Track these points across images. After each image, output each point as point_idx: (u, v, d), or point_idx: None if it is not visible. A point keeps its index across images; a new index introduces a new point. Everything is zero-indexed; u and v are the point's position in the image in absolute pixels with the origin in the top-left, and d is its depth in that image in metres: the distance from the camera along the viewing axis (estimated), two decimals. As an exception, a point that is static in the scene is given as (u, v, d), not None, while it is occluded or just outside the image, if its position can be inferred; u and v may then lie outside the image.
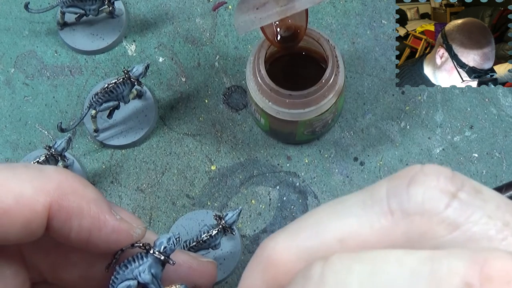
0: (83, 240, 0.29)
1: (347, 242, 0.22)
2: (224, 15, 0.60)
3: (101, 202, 0.29)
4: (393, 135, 0.57)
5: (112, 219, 0.29)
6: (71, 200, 0.28)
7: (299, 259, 0.22)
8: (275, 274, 0.23)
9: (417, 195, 0.21)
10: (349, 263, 0.20)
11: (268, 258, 0.23)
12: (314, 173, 0.56)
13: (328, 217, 0.22)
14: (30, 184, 0.28)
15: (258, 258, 0.23)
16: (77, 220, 0.28)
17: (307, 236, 0.22)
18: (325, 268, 0.20)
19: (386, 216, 0.21)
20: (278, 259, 0.22)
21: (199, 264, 0.34)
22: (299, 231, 0.23)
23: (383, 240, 0.21)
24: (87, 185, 0.29)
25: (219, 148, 0.57)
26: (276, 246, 0.23)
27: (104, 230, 0.29)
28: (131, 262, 0.30)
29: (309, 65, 0.54)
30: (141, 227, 0.30)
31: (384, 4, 0.60)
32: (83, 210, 0.28)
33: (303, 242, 0.22)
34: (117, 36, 0.59)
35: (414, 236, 0.21)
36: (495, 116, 0.57)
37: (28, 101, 0.58)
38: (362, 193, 0.22)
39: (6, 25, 0.60)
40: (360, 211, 0.22)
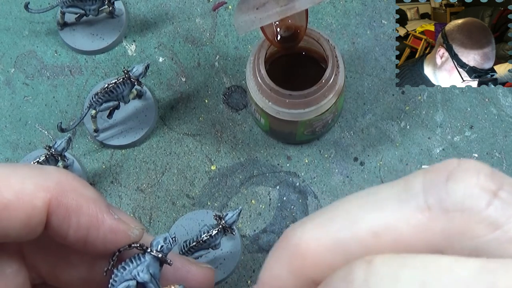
0: (81, 239, 0.29)
1: (382, 236, 0.21)
2: (224, 15, 0.60)
3: (100, 201, 0.29)
4: (393, 135, 0.57)
5: (110, 218, 0.29)
6: (70, 197, 0.28)
7: (329, 251, 0.21)
8: (302, 265, 0.22)
9: (457, 192, 0.20)
10: (395, 269, 0.19)
11: (295, 247, 0.22)
12: (314, 173, 0.56)
13: (360, 209, 0.21)
14: (30, 181, 0.28)
15: (284, 247, 0.22)
16: (76, 217, 0.28)
17: (338, 227, 0.21)
18: (368, 273, 0.19)
19: (423, 212, 0.20)
20: (306, 249, 0.21)
21: (197, 269, 0.33)
22: (329, 221, 0.22)
23: (420, 237, 0.20)
24: (86, 185, 0.29)
25: (219, 148, 0.57)
26: (304, 236, 0.22)
27: (102, 229, 0.29)
28: (129, 263, 0.30)
29: (309, 65, 0.54)
30: (139, 228, 0.30)
31: (384, 4, 0.60)
32: (82, 207, 0.28)
33: (334, 233, 0.21)
34: (117, 36, 0.59)
35: (452, 234, 0.20)
36: (495, 116, 0.57)
37: (28, 101, 0.58)
38: (396, 186, 0.21)
39: (6, 25, 0.60)
40: (395, 205, 0.21)
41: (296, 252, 0.22)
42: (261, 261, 0.54)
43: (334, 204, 0.22)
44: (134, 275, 0.30)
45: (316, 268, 0.21)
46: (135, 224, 0.30)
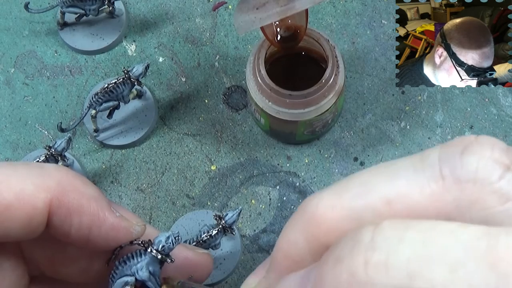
0: (83, 237, 0.29)
1: (395, 205, 0.21)
2: (224, 15, 0.60)
3: (101, 199, 0.29)
4: (393, 135, 0.57)
5: (111, 216, 0.29)
6: (72, 197, 0.28)
7: (343, 218, 0.22)
8: (317, 232, 0.22)
9: (471, 163, 0.21)
10: (401, 231, 0.19)
11: (311, 214, 0.22)
12: (314, 173, 0.56)
13: (375, 179, 0.22)
14: (31, 181, 0.28)
15: (301, 215, 0.23)
16: (77, 216, 0.28)
17: (353, 196, 0.22)
18: (375, 233, 0.20)
19: (437, 181, 0.21)
20: (321, 216, 0.22)
21: (195, 255, 0.33)
22: (344, 190, 0.22)
23: (433, 206, 0.21)
24: (87, 182, 0.29)
25: (219, 148, 0.57)
26: (320, 203, 0.22)
27: (103, 227, 0.29)
28: (130, 259, 0.30)
29: (309, 65, 0.54)
30: (141, 225, 0.30)
31: (384, 4, 0.60)
32: (83, 207, 0.28)
33: (348, 201, 0.22)
34: (117, 36, 0.59)
35: (464, 204, 0.20)
36: (495, 116, 0.57)
37: (28, 101, 0.58)
38: (412, 158, 0.22)
39: (6, 25, 0.60)
40: (410, 175, 0.21)
41: (312, 219, 0.22)
42: (261, 261, 0.54)
43: (351, 176, 0.23)
44: (133, 271, 0.30)
45: (330, 235, 0.22)
46: (137, 221, 0.30)
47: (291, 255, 0.24)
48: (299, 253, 0.23)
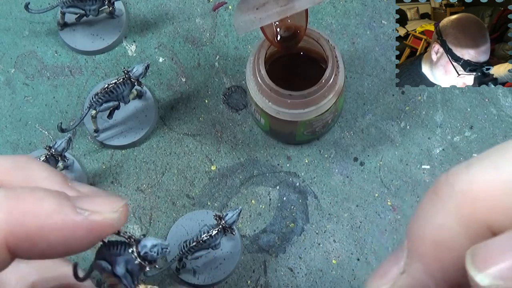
0: (60, 251, 0.26)
1: None
2: (224, 15, 0.60)
3: (63, 207, 0.26)
4: (393, 135, 0.57)
5: (80, 220, 0.26)
6: (28, 224, 0.25)
7: (507, 192, 0.20)
8: (474, 211, 0.20)
9: None
10: None
11: (462, 193, 0.20)
12: (314, 173, 0.56)
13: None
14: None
15: (446, 195, 0.21)
16: (43, 239, 0.25)
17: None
18: None
19: None
20: (479, 193, 0.20)
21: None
22: (502, 161, 0.20)
23: None
24: (41, 195, 0.26)
25: (219, 148, 0.57)
26: (474, 179, 0.20)
27: (77, 234, 0.26)
28: (114, 247, 0.29)
29: (309, 65, 0.54)
30: (117, 209, 0.27)
31: (384, 4, 0.60)
32: (44, 228, 0.25)
33: (510, 173, 0.20)
34: (117, 36, 0.59)
35: None
36: (495, 116, 0.57)
37: (28, 101, 0.58)
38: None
39: (6, 25, 0.60)
40: None
41: (466, 198, 0.20)
42: (261, 261, 0.54)
43: (497, 148, 0.21)
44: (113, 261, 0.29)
45: (492, 213, 0.20)
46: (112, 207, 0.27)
47: (442, 241, 0.21)
48: (452, 237, 0.20)
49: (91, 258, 0.54)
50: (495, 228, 0.20)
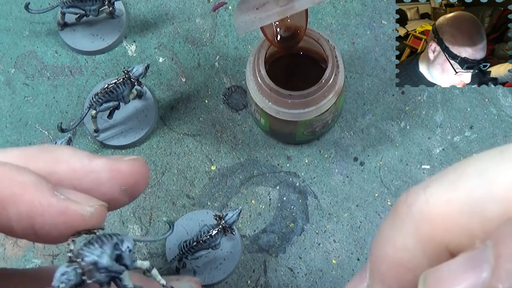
0: (27, 228, 0.26)
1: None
2: (224, 15, 0.60)
3: (41, 185, 0.26)
4: (393, 135, 0.57)
5: (55, 200, 0.26)
6: (3, 186, 0.26)
7: (464, 213, 0.19)
8: (432, 232, 0.20)
9: None
10: None
11: (420, 213, 0.20)
12: (314, 173, 0.56)
13: (495, 165, 0.19)
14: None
15: (406, 213, 0.20)
16: (14, 207, 0.26)
17: (472, 186, 0.19)
18: None
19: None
20: (435, 214, 0.20)
21: (122, 163, 0.29)
22: (459, 181, 0.20)
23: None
24: (24, 170, 0.27)
25: (219, 148, 0.57)
26: (431, 199, 0.20)
27: (48, 214, 0.26)
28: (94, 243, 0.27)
29: (309, 65, 0.54)
30: (94, 205, 0.27)
31: (384, 4, 0.60)
32: (17, 195, 0.26)
33: (468, 193, 0.19)
34: (117, 36, 0.59)
35: None
36: (495, 116, 0.57)
37: (28, 101, 0.58)
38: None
39: (7, 26, 0.60)
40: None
41: (423, 218, 0.20)
42: (261, 261, 0.54)
43: (458, 164, 0.20)
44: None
45: (450, 233, 0.20)
46: (89, 202, 0.27)
47: (401, 262, 0.21)
48: (411, 258, 0.20)
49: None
50: (452, 248, 0.20)
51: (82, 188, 0.28)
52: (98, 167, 0.28)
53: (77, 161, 0.28)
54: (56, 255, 0.54)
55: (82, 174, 0.28)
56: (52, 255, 0.54)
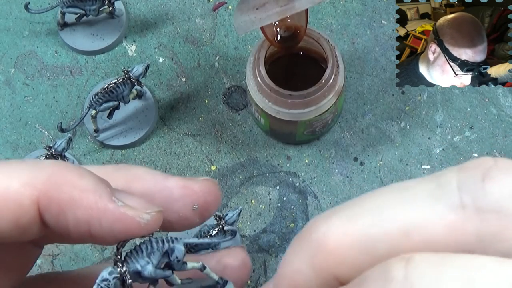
0: (84, 233, 0.27)
1: (413, 236, 0.20)
2: (224, 15, 0.60)
3: (100, 190, 0.27)
4: (393, 135, 0.57)
5: (112, 207, 0.26)
6: (62, 190, 0.26)
7: (355, 248, 0.20)
8: (325, 262, 0.21)
9: (493, 192, 0.19)
10: (437, 267, 0.18)
11: (318, 243, 0.21)
12: (314, 173, 0.56)
13: (391, 204, 0.20)
14: (18, 179, 0.26)
15: (307, 241, 0.21)
16: (71, 211, 0.26)
17: (367, 223, 0.20)
18: (409, 270, 0.18)
19: (458, 212, 0.19)
20: (331, 245, 0.20)
21: (195, 183, 0.30)
22: (356, 217, 0.20)
23: (453, 237, 0.19)
24: (83, 174, 0.27)
25: (219, 148, 0.57)
26: (329, 231, 0.21)
27: (104, 219, 0.26)
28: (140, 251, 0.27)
29: (309, 65, 0.54)
30: (151, 212, 0.27)
31: (384, 4, 0.60)
32: (76, 200, 0.26)
33: (361, 229, 0.20)
34: (117, 36, 0.59)
35: (486, 235, 0.19)
36: (495, 116, 0.57)
37: (28, 101, 0.58)
38: (428, 181, 0.20)
39: (6, 26, 0.60)
40: (427, 202, 0.20)
41: (320, 248, 0.21)
42: (261, 261, 0.54)
43: (361, 198, 0.21)
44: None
45: (341, 266, 0.20)
46: (147, 208, 0.27)
47: (296, 285, 0.22)
48: (305, 283, 0.21)
49: (92, 258, 0.54)
50: (343, 280, 0.21)
51: (155, 205, 0.29)
52: (172, 185, 0.29)
53: (151, 178, 0.29)
54: (56, 255, 0.54)
55: (156, 191, 0.29)
56: (52, 255, 0.54)
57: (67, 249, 0.54)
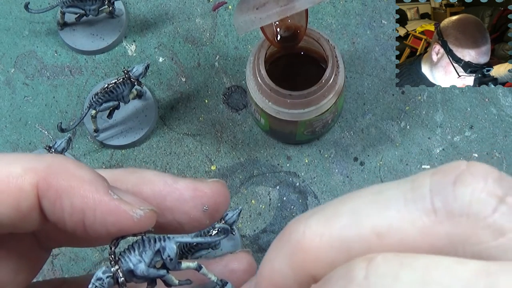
0: (78, 223, 0.27)
1: (386, 238, 0.20)
2: (224, 15, 0.60)
3: (97, 182, 0.27)
4: (393, 135, 0.57)
5: (108, 198, 0.27)
6: (61, 178, 0.27)
7: (332, 248, 0.21)
8: (303, 261, 0.21)
9: (464, 196, 0.20)
10: (396, 267, 0.19)
11: (297, 242, 0.21)
12: (314, 173, 0.56)
13: (365, 207, 0.21)
14: (19, 164, 0.27)
15: (286, 241, 0.22)
16: (68, 199, 0.27)
17: (342, 225, 0.21)
18: (369, 270, 0.19)
19: (429, 215, 0.20)
20: (308, 245, 0.21)
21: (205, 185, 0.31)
22: (333, 218, 0.21)
23: (424, 240, 0.20)
24: (83, 166, 0.28)
25: (219, 148, 0.57)
26: (307, 231, 0.21)
27: (99, 210, 0.27)
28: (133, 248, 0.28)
29: (309, 65, 0.54)
30: (145, 209, 0.28)
31: (384, 4, 0.60)
32: (73, 188, 0.27)
33: (338, 231, 0.21)
34: (117, 36, 0.59)
35: (457, 238, 0.20)
36: (495, 116, 0.57)
37: (28, 101, 0.58)
38: (402, 185, 0.21)
39: (6, 25, 0.60)
40: (401, 206, 0.20)
41: (298, 247, 0.21)
42: (261, 261, 0.54)
43: (338, 200, 0.22)
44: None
45: (317, 265, 0.21)
46: (141, 205, 0.28)
47: (275, 283, 0.22)
48: (284, 281, 0.22)
49: (92, 258, 0.54)
50: (319, 279, 0.21)
51: (166, 206, 0.30)
52: (182, 187, 0.30)
53: (161, 181, 0.30)
54: (56, 255, 0.54)
55: (166, 193, 0.30)
56: (52, 255, 0.54)
57: (67, 249, 0.54)
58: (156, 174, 0.31)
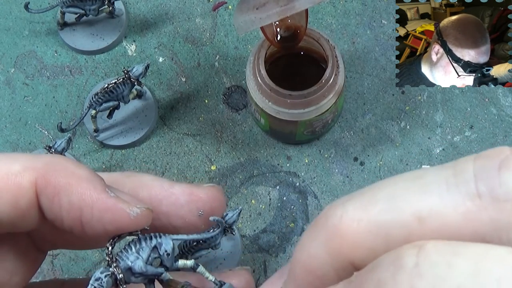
0: (76, 220, 0.28)
1: (428, 223, 0.20)
2: (224, 15, 0.60)
3: (94, 180, 0.28)
4: (393, 135, 0.57)
5: (105, 196, 0.27)
6: (59, 176, 0.27)
7: (370, 233, 0.20)
8: (340, 246, 0.21)
9: (510, 182, 0.19)
10: (448, 256, 0.18)
11: (334, 227, 0.21)
12: (314, 173, 0.56)
13: (405, 191, 0.20)
14: (18, 163, 0.27)
15: (323, 226, 0.22)
16: (66, 196, 0.27)
17: (381, 209, 0.20)
18: (420, 258, 0.18)
19: (473, 200, 0.19)
20: (346, 230, 0.21)
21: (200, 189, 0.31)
22: (371, 203, 0.21)
23: (467, 225, 0.19)
24: (80, 165, 0.28)
25: (219, 148, 0.57)
26: (345, 216, 0.21)
27: (96, 208, 0.27)
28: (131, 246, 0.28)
29: (309, 65, 0.54)
30: (141, 207, 0.28)
31: (384, 4, 0.60)
32: (71, 186, 0.27)
33: (376, 215, 0.20)
34: (117, 36, 0.59)
35: (501, 224, 0.19)
36: (495, 116, 0.57)
37: (28, 101, 0.58)
38: (444, 170, 0.20)
39: (6, 25, 0.60)
40: (443, 190, 0.20)
41: (336, 232, 0.21)
42: (261, 261, 0.54)
43: (376, 185, 0.21)
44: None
45: (355, 251, 0.21)
46: (137, 203, 0.28)
47: (312, 269, 0.22)
48: (321, 267, 0.22)
49: (91, 258, 0.54)
50: (357, 264, 0.21)
51: (162, 210, 0.30)
52: (178, 191, 0.30)
53: (158, 185, 0.30)
54: (56, 255, 0.54)
55: (162, 197, 0.30)
56: (52, 255, 0.54)
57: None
58: (153, 179, 0.31)
